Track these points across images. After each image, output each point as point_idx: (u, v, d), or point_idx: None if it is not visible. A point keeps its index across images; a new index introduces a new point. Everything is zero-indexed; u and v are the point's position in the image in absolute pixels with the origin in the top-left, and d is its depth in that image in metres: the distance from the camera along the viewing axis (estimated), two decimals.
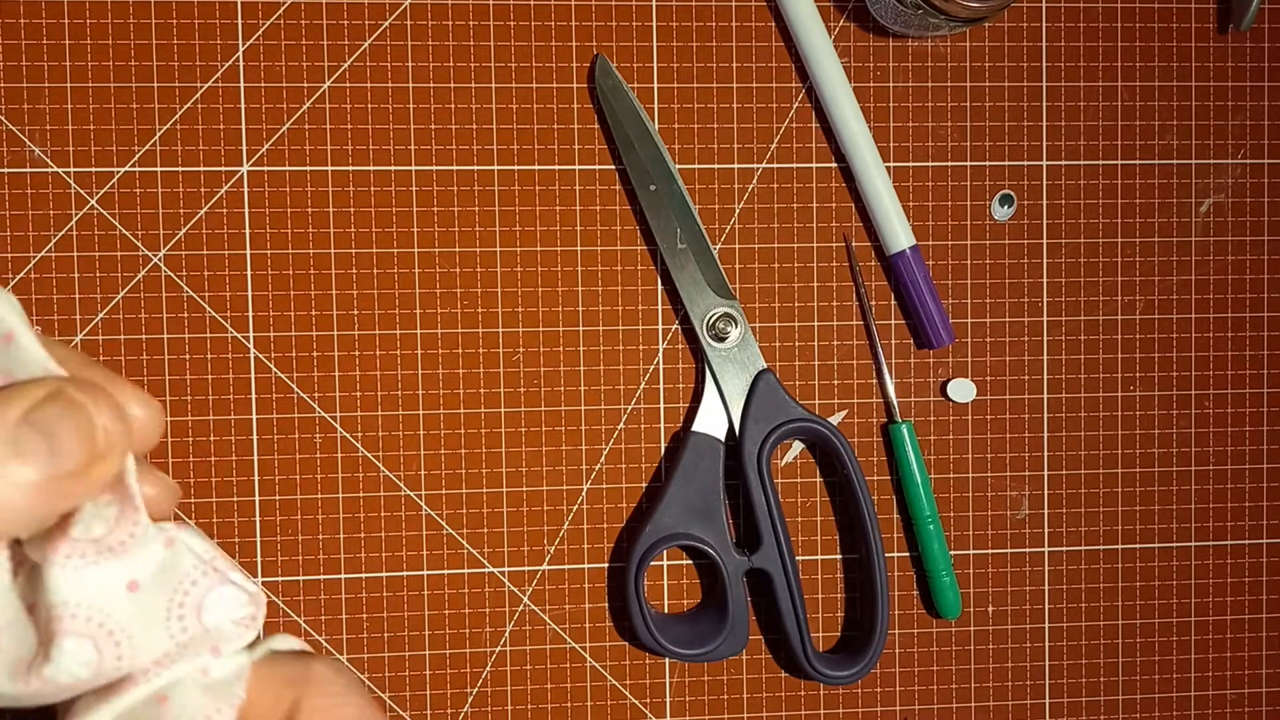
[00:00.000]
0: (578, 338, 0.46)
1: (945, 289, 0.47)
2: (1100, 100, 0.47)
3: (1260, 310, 0.48)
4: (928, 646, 0.48)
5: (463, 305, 0.45)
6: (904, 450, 0.46)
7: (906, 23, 0.44)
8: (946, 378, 0.47)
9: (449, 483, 0.45)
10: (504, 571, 0.46)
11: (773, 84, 0.46)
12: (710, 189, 0.46)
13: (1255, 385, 0.48)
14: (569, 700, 0.46)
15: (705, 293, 0.45)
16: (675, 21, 0.46)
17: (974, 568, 0.48)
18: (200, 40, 0.44)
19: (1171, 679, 0.49)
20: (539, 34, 0.45)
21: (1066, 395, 0.48)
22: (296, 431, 0.45)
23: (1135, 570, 0.48)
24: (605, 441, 0.46)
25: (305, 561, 0.45)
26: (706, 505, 0.45)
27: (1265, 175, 0.48)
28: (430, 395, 0.45)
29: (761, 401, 0.45)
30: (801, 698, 0.47)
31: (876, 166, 0.45)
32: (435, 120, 0.45)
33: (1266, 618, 0.49)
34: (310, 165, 0.44)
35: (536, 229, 0.45)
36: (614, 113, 0.45)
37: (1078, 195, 0.47)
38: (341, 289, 0.45)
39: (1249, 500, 0.49)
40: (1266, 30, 0.48)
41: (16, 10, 0.43)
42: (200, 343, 0.44)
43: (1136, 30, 0.48)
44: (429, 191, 0.45)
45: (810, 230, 0.46)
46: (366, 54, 0.45)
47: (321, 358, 0.45)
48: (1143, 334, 0.48)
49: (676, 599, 0.47)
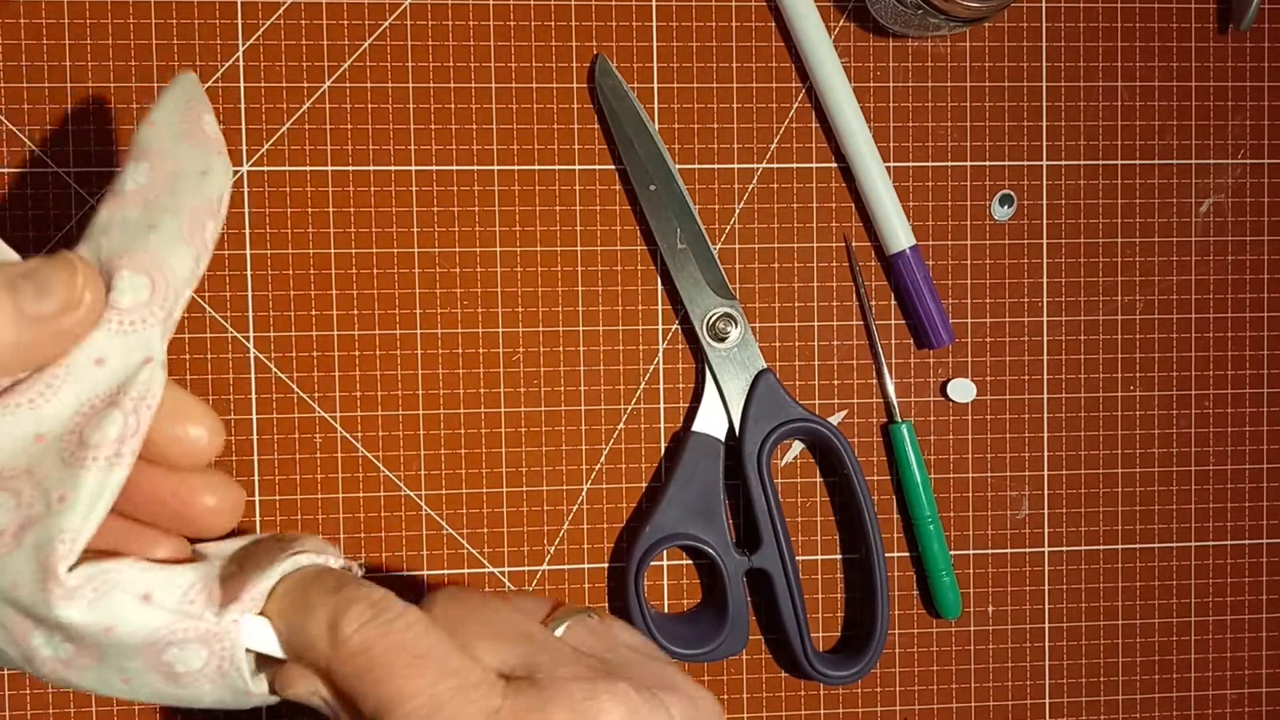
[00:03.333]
0: (578, 338, 0.46)
1: (945, 289, 0.47)
2: (1100, 100, 0.47)
3: (1260, 310, 0.48)
4: (928, 646, 0.48)
5: (463, 305, 0.45)
6: (904, 450, 0.46)
7: (906, 23, 0.44)
8: (946, 378, 0.47)
9: (449, 483, 0.45)
10: (504, 571, 0.46)
11: (773, 84, 0.46)
12: (710, 189, 0.46)
13: (1255, 385, 0.48)
14: None
15: (705, 293, 0.45)
16: (675, 21, 0.46)
17: (974, 568, 0.48)
18: (200, 40, 0.44)
19: (1171, 679, 0.49)
20: (539, 34, 0.45)
21: (1066, 395, 0.48)
22: (296, 431, 0.45)
23: (1135, 570, 0.48)
24: (605, 441, 0.46)
25: None
26: (706, 505, 0.45)
27: (1265, 175, 0.48)
28: (430, 395, 0.45)
29: (761, 401, 0.45)
30: (801, 698, 0.47)
31: (876, 166, 0.45)
32: (435, 120, 0.45)
33: (1266, 618, 0.49)
34: (310, 165, 0.44)
35: (536, 229, 0.45)
36: (614, 113, 0.45)
37: (1078, 195, 0.47)
38: (341, 289, 0.45)
39: (1249, 500, 0.49)
40: (1266, 30, 0.48)
41: (16, 10, 0.43)
42: (200, 343, 0.44)
43: (1136, 30, 0.48)
44: (429, 191, 0.45)
45: (810, 230, 0.46)
46: (366, 54, 0.45)
47: (321, 358, 0.45)
48: (1143, 334, 0.48)
49: (676, 599, 0.47)
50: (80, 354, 0.28)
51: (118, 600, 0.28)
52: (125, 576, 0.28)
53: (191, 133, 0.32)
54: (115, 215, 0.30)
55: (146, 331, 0.29)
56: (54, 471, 0.27)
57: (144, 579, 0.28)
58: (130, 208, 0.30)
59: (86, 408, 0.28)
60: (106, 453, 0.27)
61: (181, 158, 0.31)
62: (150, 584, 0.28)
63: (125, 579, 0.28)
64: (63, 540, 0.27)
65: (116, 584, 0.28)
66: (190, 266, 0.30)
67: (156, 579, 0.29)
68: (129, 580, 0.28)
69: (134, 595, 0.28)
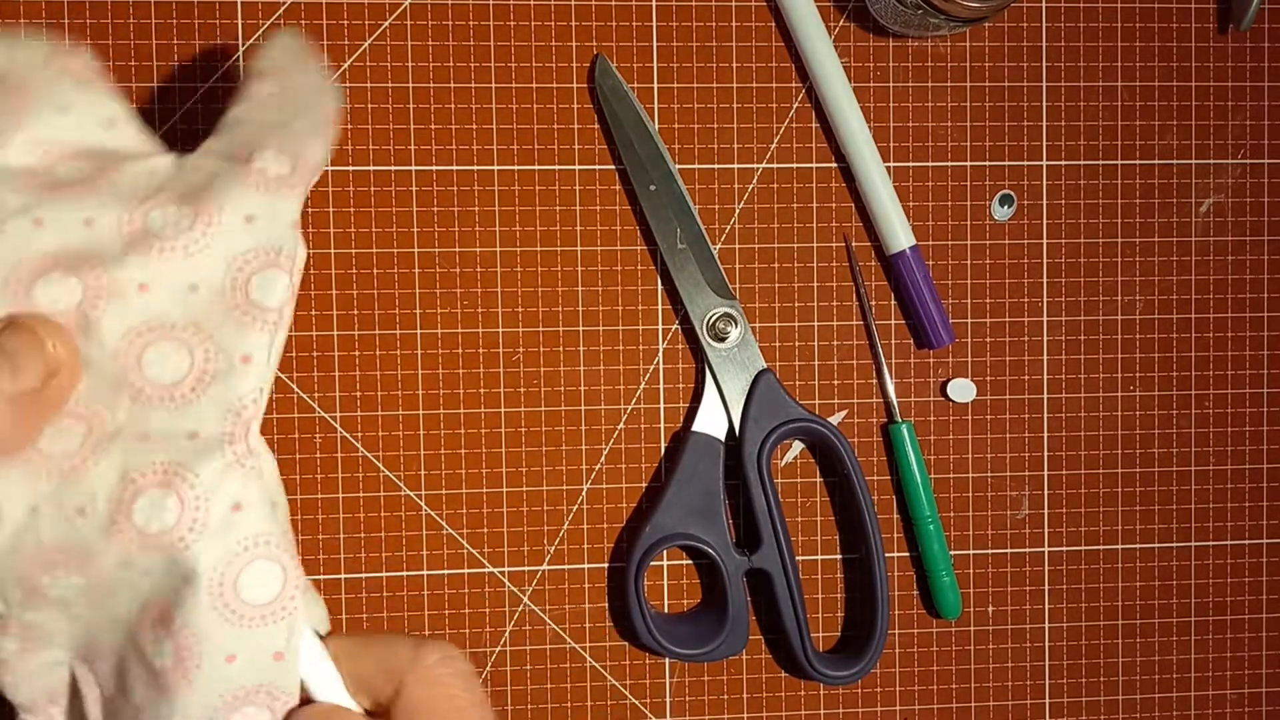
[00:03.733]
0: (578, 338, 0.46)
1: (945, 289, 0.47)
2: (1100, 100, 0.47)
3: (1260, 310, 0.48)
4: (928, 646, 0.48)
5: (463, 305, 0.45)
6: (904, 450, 0.46)
7: (906, 23, 0.44)
8: (946, 378, 0.47)
9: (449, 483, 0.45)
10: (504, 571, 0.46)
11: (773, 84, 0.46)
12: (710, 189, 0.46)
13: (1255, 385, 0.48)
14: (569, 700, 0.46)
15: (705, 293, 0.45)
16: (675, 21, 0.46)
17: (974, 568, 0.48)
18: (200, 40, 0.44)
19: (1171, 679, 0.49)
20: (539, 34, 0.45)
21: (1066, 395, 0.48)
22: (296, 431, 0.45)
23: (1135, 570, 0.48)
24: (605, 441, 0.46)
25: (305, 561, 0.45)
26: (706, 505, 0.45)
27: (1265, 175, 0.48)
28: (430, 395, 0.45)
29: (761, 401, 0.45)
30: (801, 698, 0.47)
31: (876, 166, 0.45)
32: (435, 120, 0.45)
33: (1266, 618, 0.49)
34: None
35: (536, 229, 0.45)
36: (614, 113, 0.45)
37: (1078, 195, 0.47)
38: (341, 289, 0.45)
39: (1249, 500, 0.49)
40: (1266, 30, 0.48)
41: (16, 10, 0.43)
42: None
43: (1136, 30, 0.48)
44: (429, 191, 0.45)
45: (810, 230, 0.46)
46: (366, 54, 0.45)
47: (321, 358, 0.45)
48: (1143, 334, 0.48)
49: (676, 599, 0.47)
50: (229, 211, 0.30)
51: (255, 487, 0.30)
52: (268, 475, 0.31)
53: (304, 60, 0.36)
54: (251, 113, 0.33)
55: (291, 199, 0.31)
56: (230, 329, 0.29)
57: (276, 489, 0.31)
58: (267, 111, 0.33)
59: (239, 262, 0.30)
60: (275, 316, 0.30)
61: (302, 76, 0.35)
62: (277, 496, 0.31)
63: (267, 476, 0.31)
64: (255, 399, 0.29)
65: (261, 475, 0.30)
66: (322, 155, 0.32)
67: (280, 498, 0.32)
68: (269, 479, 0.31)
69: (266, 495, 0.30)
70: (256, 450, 0.30)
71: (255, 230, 0.30)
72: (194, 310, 0.30)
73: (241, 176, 0.31)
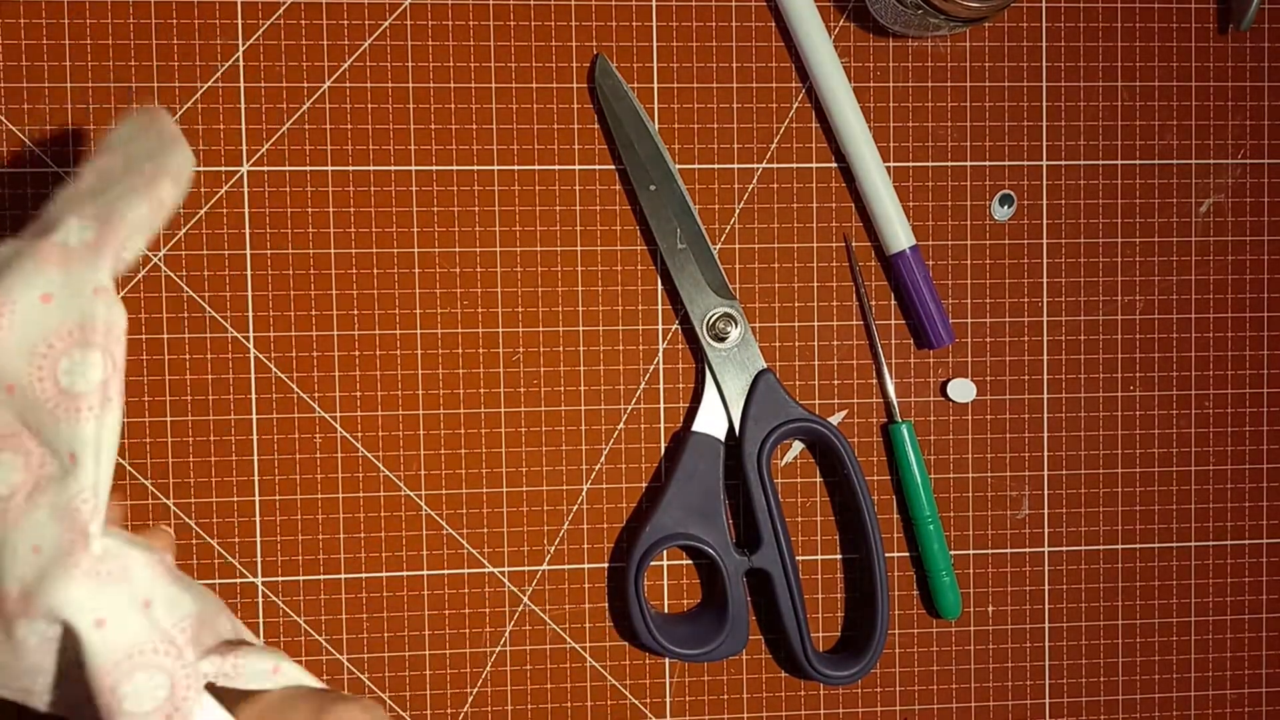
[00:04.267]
0: (578, 338, 0.46)
1: (945, 289, 0.47)
2: (1100, 100, 0.47)
3: (1260, 310, 0.48)
4: (928, 646, 0.48)
5: (463, 305, 0.45)
6: (904, 450, 0.46)
7: (906, 23, 0.44)
8: (946, 378, 0.47)
9: (449, 483, 0.45)
10: (504, 571, 0.46)
11: (773, 84, 0.46)
12: (710, 189, 0.46)
13: (1255, 385, 0.48)
14: (569, 700, 0.46)
15: (705, 293, 0.45)
16: (675, 21, 0.46)
17: (974, 568, 0.48)
18: (200, 40, 0.44)
19: (1171, 679, 0.49)
20: (539, 34, 0.45)
21: (1066, 395, 0.48)
22: (296, 431, 0.45)
23: (1135, 570, 0.48)
24: (605, 441, 0.46)
25: (305, 561, 0.45)
26: (706, 505, 0.45)
27: (1265, 175, 0.48)
28: (430, 395, 0.45)
29: (761, 401, 0.45)
30: (801, 698, 0.47)
31: (876, 166, 0.45)
32: (435, 120, 0.45)
33: (1266, 618, 0.49)
34: (310, 165, 0.44)
35: (536, 229, 0.45)
36: (614, 113, 0.45)
37: (1078, 195, 0.47)
38: (341, 289, 0.45)
39: (1249, 500, 0.49)
40: (1266, 30, 0.48)
41: (16, 10, 0.43)
42: (200, 343, 0.44)
43: (1136, 30, 0.48)
44: (429, 191, 0.45)
45: (810, 230, 0.46)
46: (366, 54, 0.45)
47: (321, 358, 0.45)
48: (1143, 334, 0.48)
49: (676, 599, 0.47)
50: (21, 297, 0.28)
51: (118, 595, 0.27)
52: (135, 574, 0.28)
53: (147, 129, 0.33)
54: (76, 188, 0.30)
55: (94, 267, 0.28)
56: (51, 427, 0.27)
57: (150, 586, 0.28)
58: (85, 181, 0.31)
59: (41, 349, 0.28)
60: (94, 400, 0.27)
61: (138, 144, 0.32)
62: (152, 593, 0.28)
63: (135, 575, 0.28)
64: (85, 499, 0.27)
65: (126, 575, 0.28)
66: (142, 213, 0.30)
67: (159, 592, 0.28)
68: (137, 578, 0.28)
69: (135, 599, 0.28)
70: (111, 551, 0.27)
71: (53, 310, 0.28)
72: (18, 412, 0.28)
73: (38, 254, 0.28)
